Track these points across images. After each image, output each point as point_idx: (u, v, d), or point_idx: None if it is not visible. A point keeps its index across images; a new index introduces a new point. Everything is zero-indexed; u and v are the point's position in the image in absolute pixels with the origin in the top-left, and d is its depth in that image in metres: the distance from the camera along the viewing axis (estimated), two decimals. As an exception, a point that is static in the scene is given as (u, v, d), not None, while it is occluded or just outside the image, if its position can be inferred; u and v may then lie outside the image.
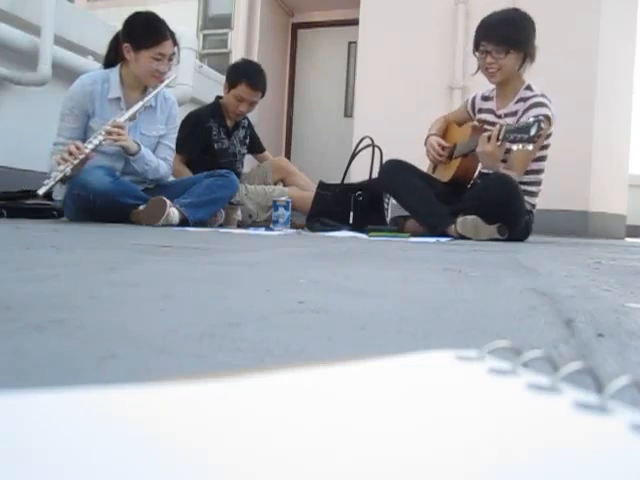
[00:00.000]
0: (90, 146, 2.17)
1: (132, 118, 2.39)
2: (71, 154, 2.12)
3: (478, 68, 2.54)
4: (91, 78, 2.38)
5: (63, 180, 2.16)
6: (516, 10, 2.47)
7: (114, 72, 2.38)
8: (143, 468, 0.13)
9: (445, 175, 2.61)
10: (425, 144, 2.72)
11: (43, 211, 2.47)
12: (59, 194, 2.36)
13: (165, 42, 2.37)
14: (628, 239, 4.58)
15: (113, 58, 2.41)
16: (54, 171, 2.13)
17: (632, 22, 4.76)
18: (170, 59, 2.41)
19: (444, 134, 2.76)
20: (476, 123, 2.61)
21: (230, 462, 0.14)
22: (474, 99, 2.70)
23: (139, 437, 0.15)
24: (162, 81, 2.41)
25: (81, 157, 2.13)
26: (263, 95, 3.06)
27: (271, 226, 2.73)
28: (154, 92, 2.40)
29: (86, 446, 0.14)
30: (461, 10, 4.44)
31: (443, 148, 2.63)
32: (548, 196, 3.71)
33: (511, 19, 2.43)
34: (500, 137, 2.17)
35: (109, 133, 2.21)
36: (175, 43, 2.42)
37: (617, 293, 0.72)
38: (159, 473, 0.13)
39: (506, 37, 2.38)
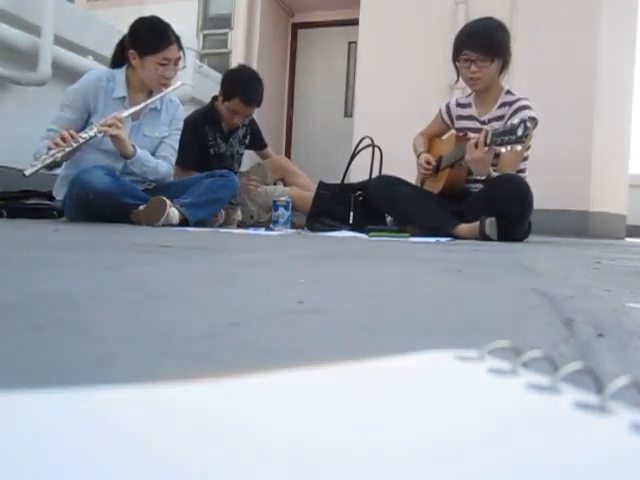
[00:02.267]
0: (85, 136, 2.15)
1: (135, 118, 2.39)
2: (64, 140, 2.09)
3: (458, 77, 2.56)
4: (97, 75, 2.39)
5: (51, 166, 2.11)
6: (492, 19, 2.50)
7: (120, 72, 2.38)
8: (143, 468, 0.13)
9: (435, 187, 2.61)
10: (415, 151, 2.74)
11: (43, 211, 2.47)
12: (59, 194, 2.36)
13: (170, 47, 2.36)
14: (628, 239, 4.58)
15: (119, 59, 2.41)
16: (43, 155, 2.09)
17: (632, 22, 4.76)
18: (176, 64, 2.41)
19: (428, 149, 2.77)
20: (456, 132, 2.62)
21: (230, 462, 0.14)
22: (448, 107, 2.70)
23: (139, 437, 0.15)
24: (167, 86, 2.41)
25: (74, 145, 2.11)
26: (259, 106, 3.01)
27: (271, 226, 2.73)
28: (158, 96, 2.39)
29: (86, 446, 0.14)
30: (461, 10, 4.44)
31: (429, 163, 2.63)
32: (548, 196, 3.72)
33: (491, 28, 2.46)
34: (488, 142, 2.18)
35: (106, 125, 2.18)
36: (180, 47, 2.42)
37: (617, 293, 0.72)
38: (159, 473, 0.13)
39: (490, 46, 2.40)
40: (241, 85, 2.91)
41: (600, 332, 0.44)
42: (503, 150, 2.15)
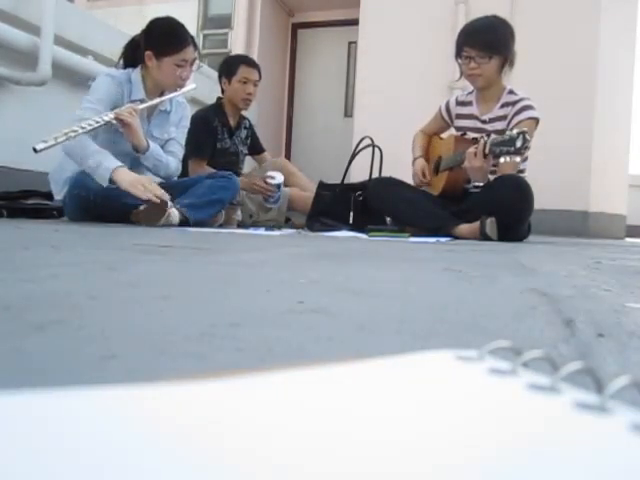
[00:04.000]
0: (99, 120, 2.14)
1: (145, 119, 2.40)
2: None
3: (461, 74, 2.57)
4: (114, 76, 2.37)
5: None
6: (495, 17, 2.52)
7: (135, 73, 2.37)
8: (143, 468, 0.13)
9: (434, 189, 2.62)
10: (413, 166, 2.75)
11: (43, 211, 2.47)
12: (59, 193, 2.36)
13: (187, 48, 2.36)
14: (628, 239, 4.58)
15: (130, 60, 2.41)
16: (56, 134, 2.05)
17: (632, 22, 4.76)
18: (192, 64, 2.41)
19: (427, 148, 2.77)
20: (457, 134, 2.63)
21: (230, 462, 0.14)
22: (448, 105, 2.71)
23: (139, 437, 0.15)
24: (182, 87, 2.42)
25: (88, 128, 2.10)
26: (260, 76, 3.11)
27: (265, 203, 2.88)
28: (172, 95, 2.40)
29: (86, 446, 0.14)
30: (461, 10, 4.44)
31: (424, 175, 2.65)
32: (548, 196, 3.72)
33: (491, 25, 2.48)
34: (486, 151, 2.18)
35: (121, 116, 2.17)
36: (196, 47, 2.42)
37: (617, 293, 0.72)
38: (159, 473, 0.13)
39: (488, 43, 2.42)
40: (239, 57, 3.27)
41: (600, 332, 0.44)
42: (502, 160, 2.15)
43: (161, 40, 2.34)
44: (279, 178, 2.95)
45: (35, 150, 2.02)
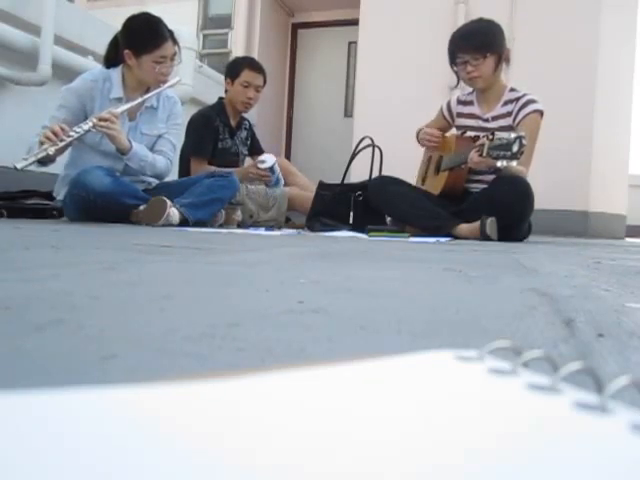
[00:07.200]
0: (79, 130, 2.14)
1: (132, 118, 2.38)
2: (55, 134, 2.08)
3: (458, 81, 2.61)
4: (92, 75, 2.38)
5: (44, 161, 2.09)
6: (480, 19, 2.57)
7: (116, 72, 2.37)
8: (143, 468, 0.13)
9: (435, 188, 2.63)
10: (417, 139, 2.76)
11: (43, 211, 2.47)
12: (59, 194, 2.36)
13: (165, 44, 2.35)
14: (628, 239, 4.57)
15: (113, 58, 2.40)
16: (36, 149, 2.06)
17: (632, 22, 4.75)
18: (172, 59, 2.40)
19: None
20: (456, 130, 2.63)
21: (230, 462, 0.14)
22: (449, 104, 2.74)
23: (139, 437, 0.15)
24: (165, 83, 2.41)
25: (67, 139, 2.10)
26: (265, 81, 3.11)
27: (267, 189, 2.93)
28: (155, 92, 2.39)
29: (86, 446, 0.14)
30: (461, 10, 4.44)
31: (433, 136, 2.67)
32: (548, 196, 3.72)
33: (479, 27, 2.53)
34: (484, 154, 2.18)
35: (101, 120, 2.17)
36: (175, 42, 2.41)
37: (617, 293, 0.72)
38: (159, 473, 0.13)
39: (480, 43, 2.46)
40: (245, 59, 3.24)
41: (600, 332, 0.44)
42: (498, 164, 2.15)
43: (138, 39, 2.33)
44: (270, 161, 2.96)
45: (16, 168, 2.04)
